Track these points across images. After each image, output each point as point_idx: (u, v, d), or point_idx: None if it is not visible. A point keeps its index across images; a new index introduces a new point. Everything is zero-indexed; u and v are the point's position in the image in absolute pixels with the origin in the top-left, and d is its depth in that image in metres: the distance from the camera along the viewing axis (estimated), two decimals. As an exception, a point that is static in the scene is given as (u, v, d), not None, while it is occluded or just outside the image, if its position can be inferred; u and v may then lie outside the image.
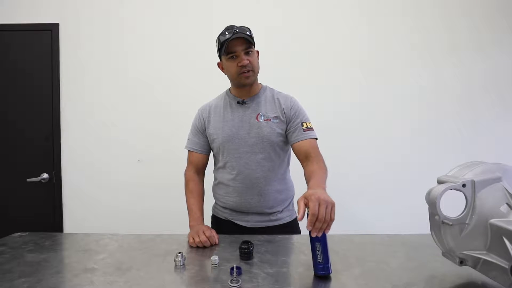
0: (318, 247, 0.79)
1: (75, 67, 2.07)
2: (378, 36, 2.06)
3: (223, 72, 1.25)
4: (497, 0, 2.05)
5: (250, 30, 1.16)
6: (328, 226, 0.79)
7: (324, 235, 0.80)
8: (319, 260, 0.79)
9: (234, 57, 1.15)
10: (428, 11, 2.05)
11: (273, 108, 1.23)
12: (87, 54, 2.07)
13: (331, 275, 0.81)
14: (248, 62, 1.14)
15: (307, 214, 0.79)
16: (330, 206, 0.79)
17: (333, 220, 0.79)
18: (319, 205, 0.77)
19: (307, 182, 1.03)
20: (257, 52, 1.23)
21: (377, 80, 2.06)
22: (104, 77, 2.08)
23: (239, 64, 1.14)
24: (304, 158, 1.15)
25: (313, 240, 0.80)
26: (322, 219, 0.77)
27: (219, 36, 1.16)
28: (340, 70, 2.06)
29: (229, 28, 1.15)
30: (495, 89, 2.05)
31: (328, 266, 0.80)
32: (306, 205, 0.80)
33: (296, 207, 1.32)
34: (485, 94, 2.05)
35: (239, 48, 1.13)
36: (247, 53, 1.15)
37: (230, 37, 1.11)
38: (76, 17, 2.07)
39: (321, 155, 1.16)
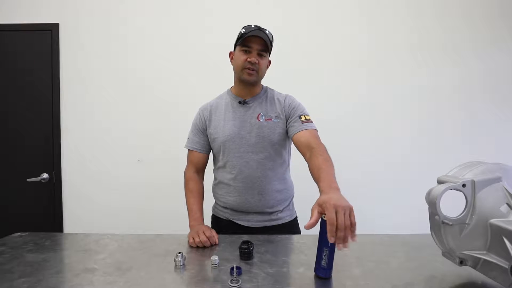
0: (325, 252, 0.78)
1: (75, 67, 2.07)
2: (378, 36, 2.06)
3: (231, 62, 1.25)
4: (497, 0, 2.05)
5: (273, 37, 1.19)
6: (352, 233, 0.71)
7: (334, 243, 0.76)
8: (323, 264, 0.79)
9: (247, 51, 1.16)
10: (428, 11, 2.05)
11: (274, 108, 1.24)
12: (87, 54, 2.07)
13: (331, 275, 0.81)
14: (257, 61, 1.16)
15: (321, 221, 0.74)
16: (349, 211, 0.72)
17: (355, 224, 0.71)
18: (336, 212, 0.70)
19: (316, 180, 0.93)
20: (269, 62, 1.25)
21: (377, 80, 2.06)
22: (104, 77, 2.08)
23: (248, 59, 1.16)
24: (306, 149, 1.09)
25: (321, 245, 0.79)
26: (343, 227, 0.69)
27: (244, 27, 1.18)
28: (340, 70, 2.06)
29: (256, 26, 1.17)
30: (495, 89, 2.05)
31: (330, 272, 0.80)
32: (322, 213, 0.73)
33: (297, 208, 1.35)
34: (485, 94, 2.05)
35: (255, 46, 1.15)
36: (260, 55, 1.17)
37: (252, 31, 1.13)
38: (76, 17, 2.07)
39: (323, 145, 1.08)
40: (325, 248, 0.78)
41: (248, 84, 1.22)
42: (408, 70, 2.06)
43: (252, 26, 1.16)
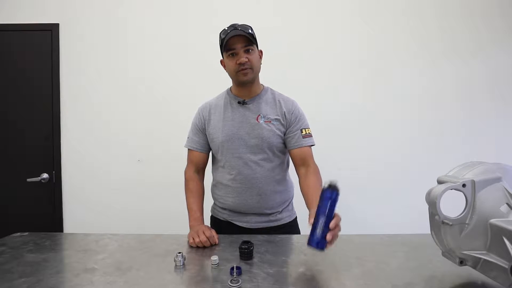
0: (321, 221, 0.82)
1: (75, 67, 2.07)
2: (378, 36, 2.06)
3: (225, 69, 1.24)
4: (497, 0, 2.05)
5: (251, 29, 1.16)
6: (334, 237, 0.85)
7: (332, 210, 0.83)
8: (317, 233, 0.82)
9: (234, 54, 1.15)
10: (428, 11, 2.05)
11: (274, 110, 1.23)
12: (87, 54, 2.07)
13: (331, 274, 0.81)
14: (246, 60, 1.14)
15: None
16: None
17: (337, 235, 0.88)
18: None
19: (305, 195, 1.11)
20: (261, 52, 1.23)
21: (377, 80, 2.06)
22: (104, 77, 2.08)
23: (238, 62, 1.14)
24: (301, 165, 1.20)
25: (318, 213, 0.83)
26: (337, 230, 0.86)
27: (220, 33, 1.17)
28: (340, 70, 2.06)
29: (231, 26, 1.16)
30: (495, 89, 2.05)
31: (324, 242, 0.81)
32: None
33: (296, 208, 1.34)
34: (485, 94, 2.05)
35: (239, 46, 1.14)
36: (247, 51, 1.15)
37: (229, 34, 1.12)
38: (76, 17, 2.07)
39: (316, 165, 1.20)
40: (322, 216, 0.82)
41: (247, 85, 1.21)
42: (408, 70, 2.06)
43: (226, 28, 1.15)
